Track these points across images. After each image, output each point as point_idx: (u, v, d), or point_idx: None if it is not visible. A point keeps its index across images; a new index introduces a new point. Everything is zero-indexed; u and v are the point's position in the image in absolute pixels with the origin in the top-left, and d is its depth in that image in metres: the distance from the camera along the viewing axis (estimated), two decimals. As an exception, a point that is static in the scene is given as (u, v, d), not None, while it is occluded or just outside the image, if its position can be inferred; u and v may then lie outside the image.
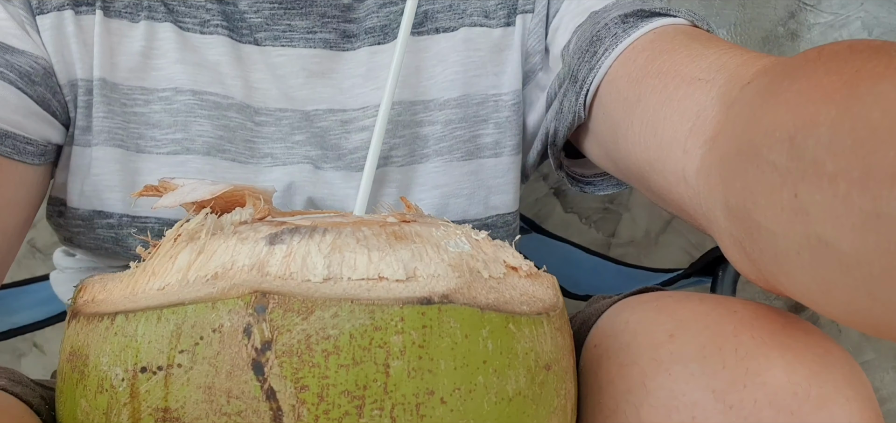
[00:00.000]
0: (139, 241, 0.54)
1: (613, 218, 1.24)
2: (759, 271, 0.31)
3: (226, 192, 0.35)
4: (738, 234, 0.31)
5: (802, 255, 0.25)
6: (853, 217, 0.22)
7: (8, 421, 0.29)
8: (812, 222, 0.24)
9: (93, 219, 0.53)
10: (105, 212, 0.53)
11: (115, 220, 0.53)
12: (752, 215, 0.28)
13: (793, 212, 0.25)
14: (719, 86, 0.36)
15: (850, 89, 0.23)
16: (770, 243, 0.28)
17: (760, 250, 0.29)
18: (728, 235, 0.32)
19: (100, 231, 0.54)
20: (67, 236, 0.56)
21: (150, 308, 0.28)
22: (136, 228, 0.53)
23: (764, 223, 0.27)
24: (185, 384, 0.26)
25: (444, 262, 0.29)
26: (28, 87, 0.50)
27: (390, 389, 0.25)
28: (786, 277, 0.28)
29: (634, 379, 0.32)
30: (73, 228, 0.55)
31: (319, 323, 0.26)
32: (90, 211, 0.53)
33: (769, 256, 0.28)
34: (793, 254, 0.26)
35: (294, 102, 0.55)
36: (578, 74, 0.48)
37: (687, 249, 1.28)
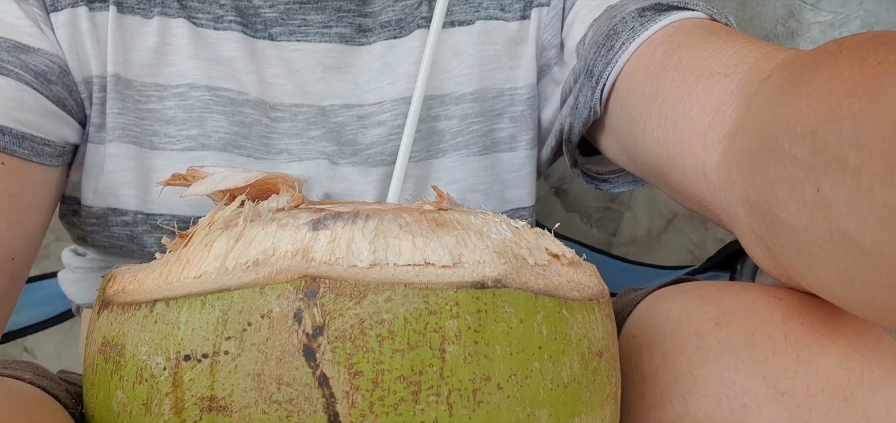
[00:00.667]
0: (154, 238, 0.53)
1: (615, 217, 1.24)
2: (780, 267, 0.31)
3: (259, 179, 0.34)
4: (760, 229, 0.30)
5: (825, 250, 0.25)
6: (876, 211, 0.22)
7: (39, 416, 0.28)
8: (834, 216, 0.24)
9: (107, 217, 0.52)
10: (119, 209, 0.52)
11: (129, 217, 0.52)
12: (773, 210, 0.28)
13: (815, 206, 0.25)
14: (739, 80, 0.36)
15: (873, 82, 0.23)
16: (792, 238, 0.27)
17: (782, 246, 0.29)
18: (749, 230, 0.32)
19: (114, 229, 0.53)
20: (81, 236, 0.55)
21: (192, 295, 0.27)
22: (150, 225, 0.52)
23: (786, 218, 0.27)
24: (232, 371, 0.25)
25: (488, 248, 0.29)
26: (44, 86, 0.49)
27: (447, 374, 0.25)
28: (808, 272, 0.28)
29: (681, 368, 0.32)
30: (87, 226, 0.54)
31: (373, 307, 0.25)
32: (104, 209, 0.52)
33: (791, 251, 0.28)
34: (815, 249, 0.26)
35: (310, 97, 0.54)
36: (595, 69, 0.47)
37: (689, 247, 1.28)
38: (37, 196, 0.50)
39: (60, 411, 0.33)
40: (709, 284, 0.36)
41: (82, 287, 0.63)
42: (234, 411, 0.25)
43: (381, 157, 0.54)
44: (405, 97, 0.54)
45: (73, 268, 0.63)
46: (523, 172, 0.57)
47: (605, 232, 1.24)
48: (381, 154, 0.54)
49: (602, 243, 1.20)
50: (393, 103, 0.54)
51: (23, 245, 0.49)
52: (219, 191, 0.34)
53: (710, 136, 0.36)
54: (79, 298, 0.64)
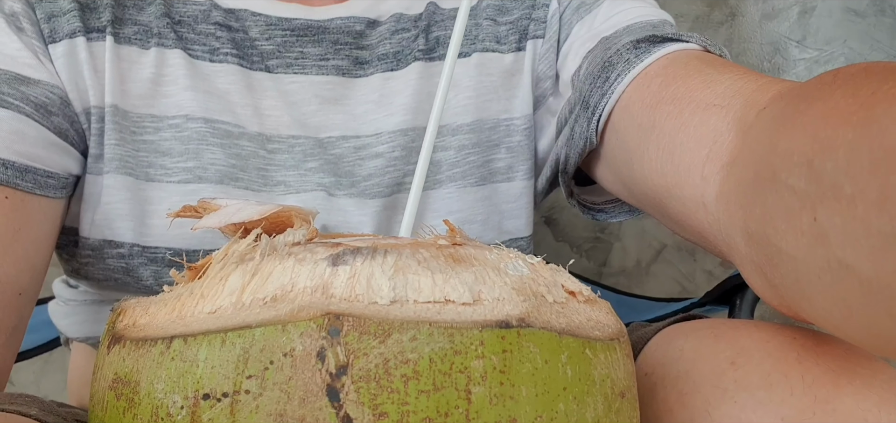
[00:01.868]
0: (151, 271, 0.53)
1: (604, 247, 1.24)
2: (780, 297, 0.31)
3: (272, 212, 0.34)
4: (759, 259, 0.31)
5: (823, 278, 0.25)
6: (872, 239, 0.22)
7: None
8: (832, 245, 0.24)
9: (103, 249, 0.52)
10: (115, 242, 0.51)
11: (125, 250, 0.51)
12: (771, 239, 0.28)
13: (813, 236, 0.25)
14: (735, 111, 0.36)
15: (866, 111, 0.23)
16: (791, 267, 0.27)
17: (781, 276, 0.29)
18: (748, 260, 0.32)
19: (109, 261, 0.52)
20: (75, 268, 0.54)
21: (211, 332, 0.26)
22: (146, 258, 0.52)
23: (784, 248, 0.27)
24: (253, 411, 0.25)
25: (507, 285, 0.28)
26: (45, 118, 0.48)
27: (472, 416, 0.24)
28: (807, 302, 0.28)
29: (697, 408, 0.32)
30: (82, 258, 0.53)
31: (397, 346, 0.25)
32: (100, 241, 0.52)
33: (790, 280, 0.28)
34: (814, 278, 0.26)
35: (307, 128, 0.54)
36: (590, 100, 0.48)
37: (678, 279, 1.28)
38: (42, 230, 0.49)
39: None
40: (721, 321, 0.36)
41: (74, 320, 0.62)
42: (254, 452, 0.24)
43: (378, 188, 0.54)
44: (402, 129, 0.54)
45: (65, 300, 0.62)
46: (520, 203, 0.57)
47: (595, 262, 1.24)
48: (378, 186, 0.54)
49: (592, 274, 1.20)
50: (390, 135, 0.54)
51: (29, 280, 0.48)
52: (231, 224, 0.34)
53: (708, 167, 0.36)
54: (70, 331, 0.63)
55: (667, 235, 1.20)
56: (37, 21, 0.49)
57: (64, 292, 0.62)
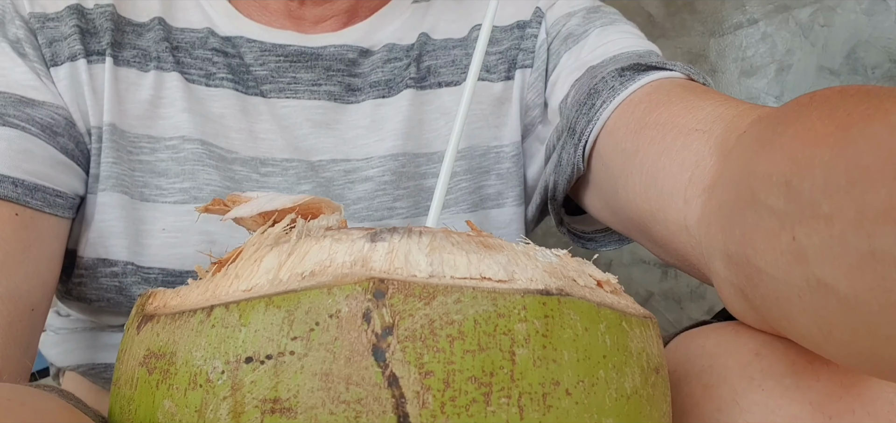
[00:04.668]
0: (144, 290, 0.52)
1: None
2: (762, 318, 0.32)
3: (304, 202, 0.34)
4: (739, 281, 0.31)
5: (803, 297, 0.26)
6: (850, 257, 0.22)
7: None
8: (811, 263, 0.25)
9: (96, 268, 0.51)
10: (109, 260, 0.51)
11: (119, 268, 0.51)
12: (751, 260, 0.29)
13: (792, 255, 0.26)
14: (716, 136, 0.37)
15: (842, 132, 0.24)
16: (771, 287, 0.28)
17: (762, 296, 0.29)
18: (729, 283, 0.33)
19: (103, 280, 0.52)
20: (68, 289, 0.54)
21: (253, 299, 0.26)
22: (140, 277, 0.51)
23: (764, 268, 0.28)
24: (298, 371, 0.25)
25: (538, 268, 0.29)
26: (51, 138, 0.49)
27: (517, 377, 0.25)
28: (788, 321, 0.29)
29: (724, 398, 0.32)
30: (76, 278, 0.52)
31: (443, 308, 0.25)
32: (94, 259, 0.51)
33: (770, 300, 0.29)
34: (794, 297, 0.26)
35: (299, 152, 0.55)
36: (576, 127, 0.49)
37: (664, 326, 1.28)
38: (51, 248, 0.49)
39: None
40: (739, 322, 0.37)
41: (66, 349, 0.61)
42: (299, 412, 0.24)
43: (367, 212, 0.54)
44: (392, 154, 0.55)
45: (56, 329, 0.61)
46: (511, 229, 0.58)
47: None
48: (367, 210, 0.54)
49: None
50: (380, 159, 0.55)
51: (40, 297, 0.47)
52: (259, 215, 0.34)
53: (690, 190, 0.37)
54: (62, 360, 0.62)
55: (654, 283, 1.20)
56: (39, 46, 0.51)
57: (54, 322, 0.61)
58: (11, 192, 0.46)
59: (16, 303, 0.45)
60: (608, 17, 0.54)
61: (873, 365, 0.25)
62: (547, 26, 0.57)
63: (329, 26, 0.57)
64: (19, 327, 0.45)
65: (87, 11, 0.53)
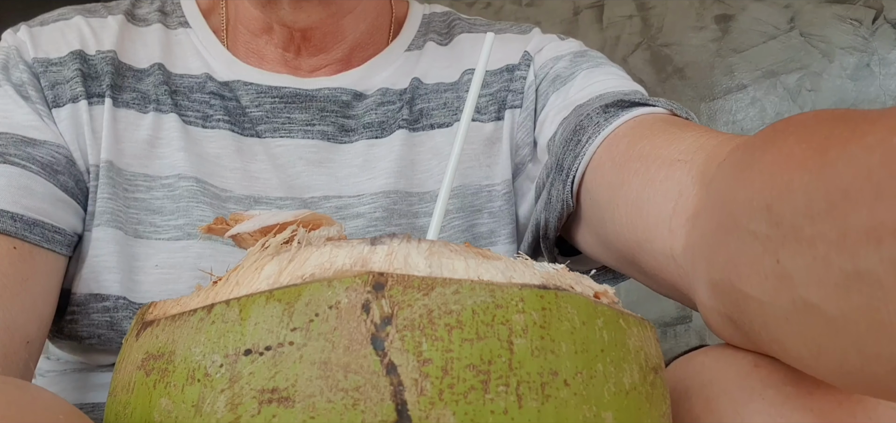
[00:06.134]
0: None
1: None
2: (751, 342, 0.32)
3: (304, 217, 0.35)
4: (725, 308, 0.32)
5: (791, 320, 0.26)
6: (835, 278, 0.23)
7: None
8: (796, 286, 0.25)
9: (89, 303, 0.52)
10: (101, 295, 0.52)
11: (111, 303, 0.51)
12: (736, 285, 0.29)
13: (777, 278, 0.26)
14: (698, 165, 0.38)
15: (820, 156, 0.24)
16: (758, 312, 0.28)
17: (750, 321, 0.30)
18: (715, 312, 0.33)
19: (94, 316, 0.52)
20: (60, 327, 0.54)
21: (255, 293, 0.27)
22: (132, 312, 0.51)
23: (750, 292, 0.28)
24: (297, 361, 0.25)
25: (536, 275, 0.29)
26: (51, 176, 0.50)
27: (515, 366, 0.25)
28: (778, 344, 0.29)
29: (726, 411, 0.31)
30: (68, 315, 0.53)
31: (441, 298, 0.25)
32: (86, 295, 0.52)
33: (758, 325, 0.29)
34: (781, 320, 0.27)
35: (293, 190, 0.56)
36: (564, 163, 0.50)
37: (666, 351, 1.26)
38: (48, 283, 0.49)
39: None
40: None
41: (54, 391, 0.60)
42: (296, 401, 0.24)
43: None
44: (384, 191, 0.56)
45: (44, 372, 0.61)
46: None
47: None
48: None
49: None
50: (372, 196, 0.56)
51: (36, 330, 0.47)
52: (262, 230, 0.35)
53: (674, 220, 0.38)
54: None
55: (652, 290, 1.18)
56: (42, 88, 0.53)
57: (43, 365, 0.61)
58: (10, 226, 0.47)
59: (12, 335, 0.45)
60: (595, 60, 0.56)
61: (866, 384, 0.25)
62: (535, 69, 0.59)
63: (324, 73, 0.59)
64: (14, 360, 0.45)
65: (89, 57, 0.55)
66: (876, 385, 0.24)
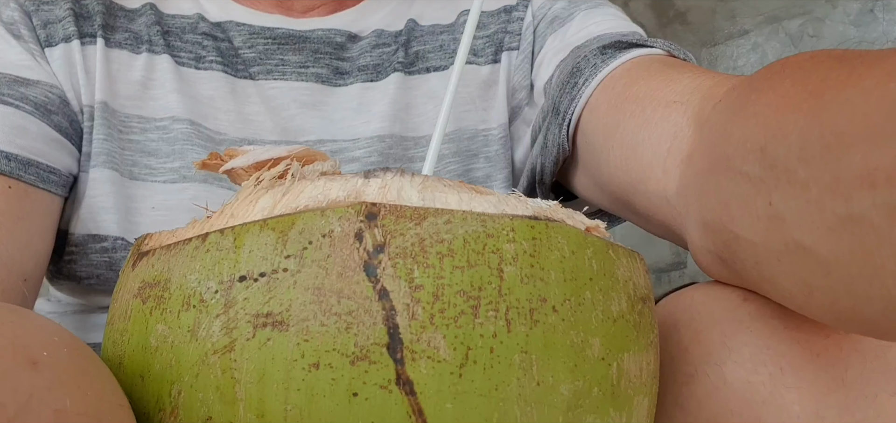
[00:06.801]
0: None
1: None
2: (742, 281, 0.32)
3: (299, 152, 0.35)
4: (717, 248, 0.32)
5: (782, 261, 0.26)
6: (828, 221, 0.23)
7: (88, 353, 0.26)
8: (788, 228, 0.25)
9: (87, 244, 0.52)
10: (100, 235, 0.52)
11: (109, 243, 0.52)
12: (728, 226, 0.29)
13: (769, 220, 0.26)
14: (694, 106, 0.38)
15: (816, 98, 0.24)
16: (750, 252, 0.28)
17: (741, 261, 0.30)
18: (705, 251, 0.33)
19: (93, 256, 0.52)
20: (58, 268, 0.54)
21: (249, 223, 0.27)
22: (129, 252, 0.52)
23: (741, 234, 0.28)
24: (291, 287, 0.25)
25: (529, 208, 0.30)
26: (45, 116, 0.50)
27: (505, 292, 0.25)
28: (769, 284, 0.29)
29: (714, 341, 0.32)
30: (66, 255, 0.53)
31: (433, 228, 0.26)
32: (85, 235, 0.52)
33: (750, 265, 0.29)
34: (773, 261, 0.27)
35: (287, 133, 0.56)
36: (560, 107, 0.50)
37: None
38: (44, 223, 0.50)
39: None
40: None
41: None
42: (291, 324, 0.25)
43: None
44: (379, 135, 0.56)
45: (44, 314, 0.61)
46: None
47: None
48: None
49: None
50: (367, 141, 0.56)
51: (33, 268, 0.48)
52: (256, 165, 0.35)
53: (669, 161, 0.38)
54: None
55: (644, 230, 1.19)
56: (34, 27, 0.53)
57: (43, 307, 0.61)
58: (5, 166, 0.47)
59: (9, 271, 0.45)
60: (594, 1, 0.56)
61: (856, 324, 0.25)
62: (533, 9, 0.58)
63: (317, 13, 0.58)
64: (12, 296, 0.45)
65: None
66: (867, 326, 0.25)
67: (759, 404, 0.30)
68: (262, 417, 0.25)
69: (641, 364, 0.28)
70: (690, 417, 0.32)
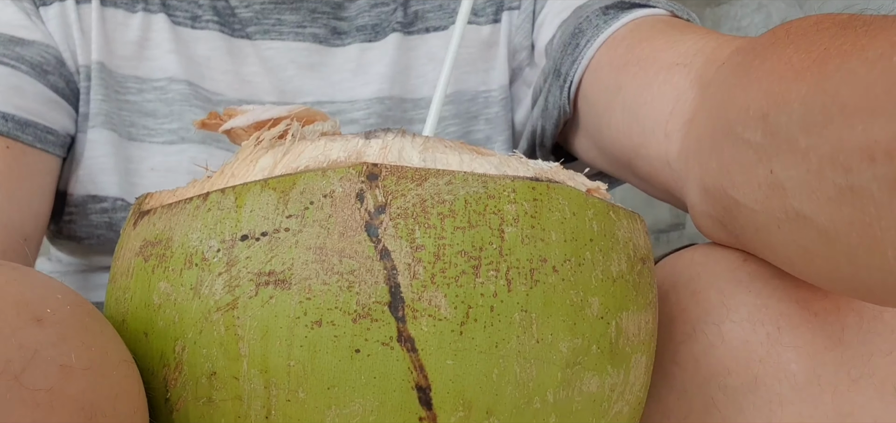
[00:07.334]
0: None
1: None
2: (741, 245, 0.32)
3: (298, 112, 0.35)
4: (717, 213, 0.32)
5: (782, 228, 0.26)
6: (828, 191, 0.23)
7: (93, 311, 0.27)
8: (789, 196, 0.25)
9: (86, 204, 0.52)
10: (99, 196, 0.52)
11: (108, 204, 0.52)
12: (728, 192, 0.29)
13: (769, 187, 0.26)
14: (697, 69, 0.37)
15: (819, 67, 0.24)
16: (750, 218, 0.28)
17: (741, 227, 0.30)
18: (705, 215, 0.33)
19: (93, 217, 0.52)
20: (58, 229, 0.54)
21: (250, 182, 0.27)
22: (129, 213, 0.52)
23: (741, 200, 0.28)
24: (293, 246, 0.25)
25: (530, 169, 0.30)
26: (41, 76, 0.50)
27: (505, 252, 0.25)
28: (769, 250, 0.29)
29: (712, 301, 0.32)
30: (65, 216, 0.53)
31: (434, 189, 0.26)
32: (84, 196, 0.52)
33: (750, 231, 0.29)
34: (773, 228, 0.27)
35: (285, 95, 0.55)
36: (562, 68, 0.49)
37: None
38: (43, 183, 0.50)
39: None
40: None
41: None
42: (293, 283, 0.25)
43: None
44: (378, 97, 0.55)
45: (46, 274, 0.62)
46: None
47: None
48: None
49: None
50: (366, 103, 0.55)
51: (33, 228, 0.48)
52: (256, 125, 0.35)
53: (671, 124, 0.37)
54: None
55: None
56: None
57: (44, 266, 0.62)
58: (2, 126, 0.47)
59: (10, 231, 0.45)
60: None
61: (856, 291, 0.26)
62: None
63: None
64: (13, 256, 0.45)
65: None
66: (865, 293, 0.25)
67: (757, 362, 0.30)
68: (265, 372, 0.25)
69: (640, 323, 0.28)
70: (688, 374, 0.33)
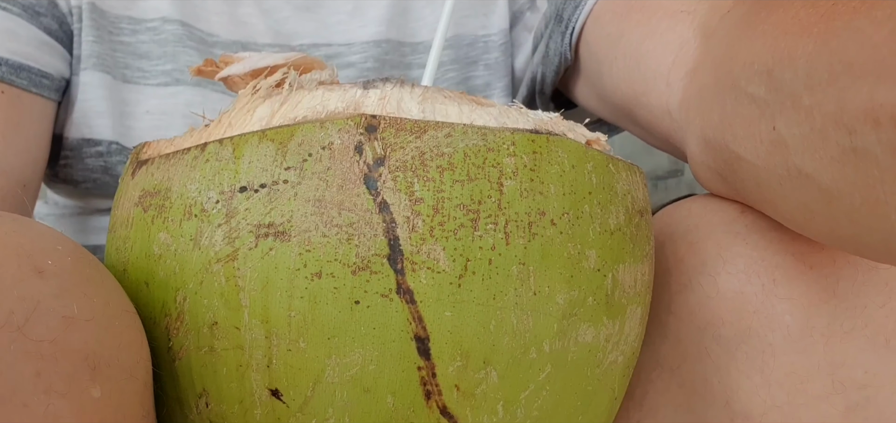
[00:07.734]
0: None
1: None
2: (741, 198, 0.32)
3: (296, 60, 0.34)
4: (717, 165, 0.31)
5: (784, 185, 0.26)
6: (830, 150, 0.22)
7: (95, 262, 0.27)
8: (791, 153, 0.25)
9: (81, 148, 0.52)
10: (94, 139, 0.52)
11: (104, 147, 0.51)
12: (730, 146, 0.29)
13: (772, 144, 0.26)
14: (701, 15, 0.37)
15: (826, 24, 0.23)
16: (750, 173, 0.28)
17: (742, 181, 0.30)
18: (705, 166, 0.33)
19: (88, 161, 0.52)
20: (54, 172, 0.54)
21: (247, 133, 0.27)
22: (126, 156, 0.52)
23: (743, 155, 0.28)
24: (292, 198, 0.25)
25: (530, 120, 0.29)
26: (34, 19, 0.49)
27: (504, 205, 0.25)
28: (769, 205, 0.29)
29: (708, 252, 0.33)
30: (61, 159, 0.53)
31: (433, 141, 0.26)
32: (79, 139, 0.52)
33: (751, 186, 0.29)
34: (774, 184, 0.27)
35: (280, 36, 0.54)
36: (563, 14, 0.48)
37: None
38: (39, 127, 0.49)
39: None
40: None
41: None
42: (292, 235, 0.25)
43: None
44: (375, 40, 0.54)
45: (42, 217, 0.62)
46: None
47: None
48: None
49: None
50: (363, 45, 0.54)
51: (31, 174, 0.48)
52: (253, 73, 0.35)
53: (673, 73, 0.37)
54: None
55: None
56: None
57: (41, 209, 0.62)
58: None
59: (8, 177, 0.45)
60: None
61: (856, 249, 0.26)
62: None
63: None
64: (12, 202, 0.45)
65: None
66: (865, 251, 0.25)
67: (751, 313, 0.31)
68: (266, 322, 0.25)
69: (636, 275, 0.28)
70: (682, 324, 0.33)
